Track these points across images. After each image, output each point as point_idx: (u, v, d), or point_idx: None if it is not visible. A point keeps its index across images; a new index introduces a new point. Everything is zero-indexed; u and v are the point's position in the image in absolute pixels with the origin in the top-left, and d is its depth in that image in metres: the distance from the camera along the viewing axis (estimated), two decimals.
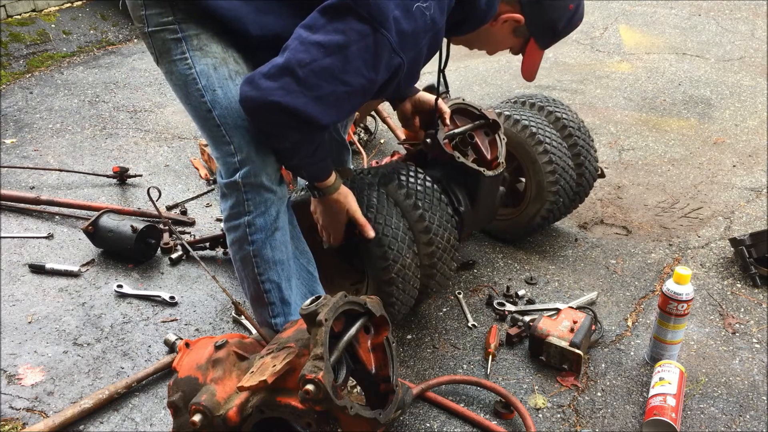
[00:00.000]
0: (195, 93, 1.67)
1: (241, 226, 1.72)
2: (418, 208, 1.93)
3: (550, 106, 2.45)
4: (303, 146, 1.62)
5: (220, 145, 1.68)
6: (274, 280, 1.77)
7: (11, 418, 1.85)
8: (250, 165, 1.66)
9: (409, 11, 1.53)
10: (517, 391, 1.92)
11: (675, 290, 1.88)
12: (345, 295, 1.42)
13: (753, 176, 3.07)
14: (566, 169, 2.35)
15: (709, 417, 1.83)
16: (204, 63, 1.66)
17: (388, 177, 1.98)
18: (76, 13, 5.06)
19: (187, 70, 1.66)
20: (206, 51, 1.66)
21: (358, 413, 1.35)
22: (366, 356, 1.50)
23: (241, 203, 1.70)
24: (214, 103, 1.66)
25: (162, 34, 1.66)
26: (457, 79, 4.22)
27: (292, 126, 1.56)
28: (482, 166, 2.13)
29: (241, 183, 1.67)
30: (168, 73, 1.72)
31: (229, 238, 1.77)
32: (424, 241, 1.94)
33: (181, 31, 1.65)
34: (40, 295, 2.34)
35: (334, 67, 1.50)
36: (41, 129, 3.61)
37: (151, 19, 1.65)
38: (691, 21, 5.22)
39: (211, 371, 1.49)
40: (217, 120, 1.67)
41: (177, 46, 1.66)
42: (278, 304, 1.80)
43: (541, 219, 2.43)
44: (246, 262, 1.76)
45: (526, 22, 1.77)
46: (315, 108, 1.52)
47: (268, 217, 1.72)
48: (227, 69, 1.67)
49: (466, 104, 2.23)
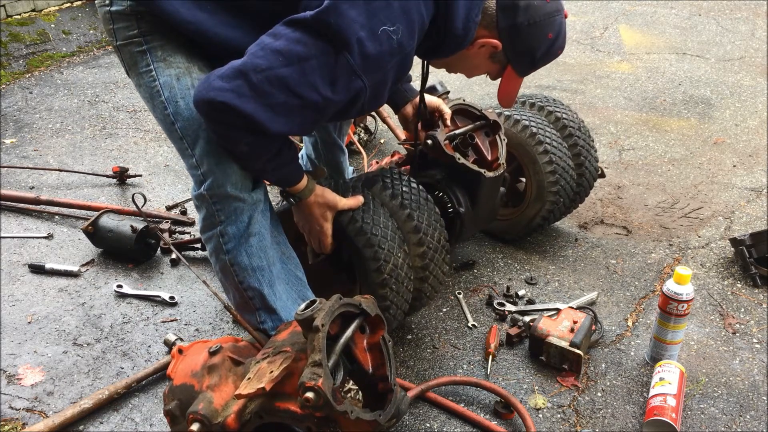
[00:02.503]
0: (159, 105, 1.67)
1: (214, 236, 1.70)
2: (405, 208, 1.90)
3: (550, 106, 2.45)
4: (260, 150, 1.58)
5: (186, 158, 1.67)
6: (255, 287, 1.75)
7: (11, 418, 1.85)
8: (212, 176, 1.63)
9: (375, 34, 1.48)
10: (517, 391, 1.92)
11: (675, 290, 1.88)
12: (340, 297, 1.41)
13: (753, 176, 3.07)
14: (566, 169, 2.35)
15: (710, 417, 1.83)
16: (167, 74, 1.64)
17: (372, 180, 1.95)
18: (76, 13, 5.06)
19: (151, 82, 1.66)
20: (170, 62, 1.65)
21: (358, 417, 1.35)
22: (363, 356, 1.50)
23: (213, 214, 1.67)
24: (176, 115, 1.64)
25: (129, 47, 1.66)
26: (458, 79, 4.21)
27: (242, 128, 1.51)
28: (483, 167, 2.12)
29: (207, 195, 1.65)
30: (137, 86, 1.72)
31: (208, 249, 1.76)
32: (415, 242, 1.90)
33: (146, 43, 1.64)
34: (39, 295, 2.34)
35: (290, 78, 1.46)
36: (41, 129, 3.61)
37: (119, 33, 1.66)
38: (692, 21, 5.22)
39: (206, 378, 1.48)
40: (179, 132, 1.65)
41: (142, 59, 1.66)
42: (263, 311, 1.78)
43: (542, 219, 2.43)
44: (225, 272, 1.75)
45: (503, 48, 1.72)
46: (264, 114, 1.47)
47: (240, 224, 1.68)
48: (190, 78, 1.65)
49: (467, 105, 2.23)
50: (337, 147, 2.49)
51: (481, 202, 2.17)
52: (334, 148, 2.48)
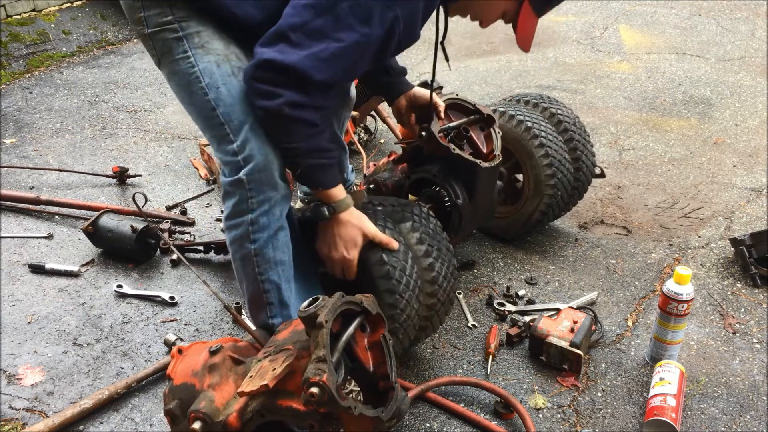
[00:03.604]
0: (199, 91, 1.66)
1: (243, 224, 1.69)
2: (428, 256, 1.82)
3: (545, 103, 2.48)
4: (304, 116, 1.58)
5: (224, 144, 1.66)
6: (274, 281, 1.74)
7: (11, 418, 1.85)
8: (254, 162, 1.63)
9: None
10: (517, 391, 1.92)
11: (675, 290, 1.88)
12: (342, 295, 1.42)
13: (753, 176, 3.07)
14: (563, 162, 2.36)
15: (710, 417, 1.83)
16: (207, 60, 1.65)
17: (402, 216, 1.87)
18: (76, 13, 5.06)
19: (190, 68, 1.65)
20: (208, 48, 1.65)
21: (361, 413, 1.35)
22: (363, 354, 1.50)
23: (245, 201, 1.67)
24: (218, 101, 1.64)
25: (162, 34, 1.65)
26: (457, 79, 4.22)
27: (287, 85, 1.54)
28: (479, 159, 2.12)
29: (245, 180, 1.64)
30: (171, 74, 1.70)
31: (230, 236, 1.74)
32: (428, 292, 1.83)
33: (182, 29, 1.64)
34: (39, 295, 2.34)
35: (326, 27, 1.52)
36: (41, 129, 3.61)
37: (151, 20, 1.64)
38: (692, 21, 5.22)
39: (207, 377, 1.47)
40: (221, 118, 1.65)
41: (179, 45, 1.65)
42: (277, 305, 1.77)
43: (540, 214, 2.43)
44: (246, 261, 1.73)
45: None
46: (307, 62, 1.52)
47: (272, 216, 1.69)
48: (230, 66, 1.66)
49: (460, 99, 2.24)
50: (339, 147, 2.49)
51: (478, 195, 2.16)
52: None
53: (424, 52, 4.65)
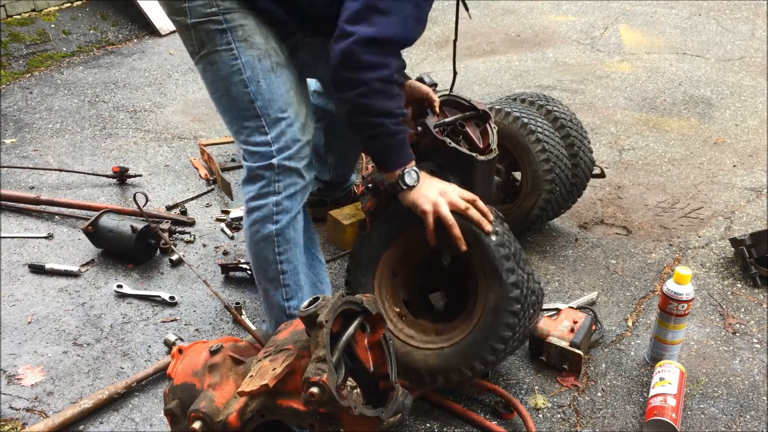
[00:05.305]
0: (239, 83, 1.73)
1: (267, 205, 1.78)
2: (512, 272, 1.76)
3: (541, 101, 2.50)
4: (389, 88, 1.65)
5: (255, 135, 1.76)
6: (293, 262, 1.83)
7: (11, 418, 1.85)
8: (288, 152, 1.75)
9: None
10: (517, 391, 1.92)
11: (675, 290, 1.88)
12: (342, 294, 1.42)
13: (753, 176, 3.07)
14: (560, 157, 2.37)
15: (710, 417, 1.83)
16: (249, 54, 1.71)
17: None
18: (76, 13, 5.06)
19: (232, 60, 1.71)
20: (251, 42, 1.72)
21: (361, 413, 1.35)
22: (364, 355, 1.50)
23: (272, 184, 1.77)
24: (257, 94, 1.73)
25: (206, 25, 1.70)
26: (457, 79, 4.21)
27: (392, 53, 1.63)
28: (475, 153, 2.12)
29: (276, 165, 1.75)
30: (210, 64, 1.75)
31: (251, 218, 1.81)
32: None
33: (227, 22, 1.69)
34: (39, 295, 2.34)
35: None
36: (41, 129, 3.61)
37: (194, 11, 1.68)
38: (692, 21, 5.22)
39: (207, 377, 1.48)
40: (259, 111, 1.74)
41: (222, 37, 1.70)
42: (293, 287, 1.85)
43: (539, 210, 2.43)
44: (267, 241, 1.81)
45: None
46: (401, 30, 1.61)
47: (295, 200, 1.80)
48: (270, 61, 1.74)
49: (455, 96, 2.25)
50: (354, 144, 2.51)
51: (475, 189, 2.16)
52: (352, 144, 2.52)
53: (424, 52, 4.65)
